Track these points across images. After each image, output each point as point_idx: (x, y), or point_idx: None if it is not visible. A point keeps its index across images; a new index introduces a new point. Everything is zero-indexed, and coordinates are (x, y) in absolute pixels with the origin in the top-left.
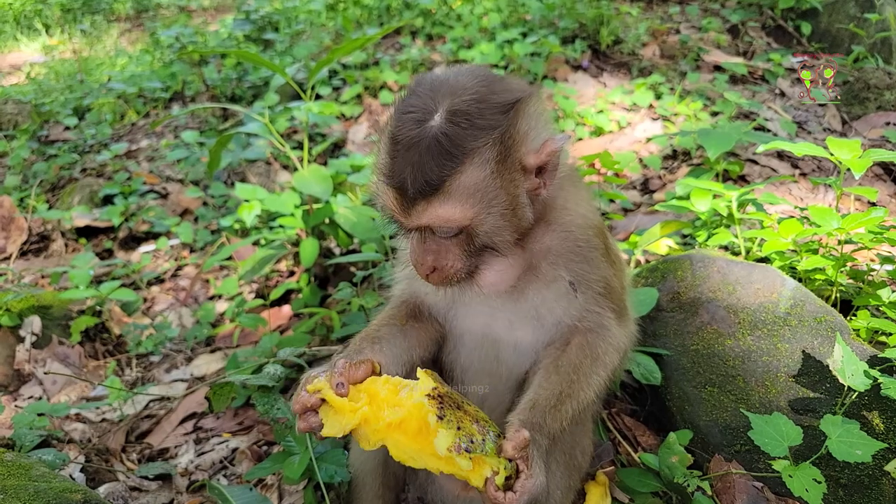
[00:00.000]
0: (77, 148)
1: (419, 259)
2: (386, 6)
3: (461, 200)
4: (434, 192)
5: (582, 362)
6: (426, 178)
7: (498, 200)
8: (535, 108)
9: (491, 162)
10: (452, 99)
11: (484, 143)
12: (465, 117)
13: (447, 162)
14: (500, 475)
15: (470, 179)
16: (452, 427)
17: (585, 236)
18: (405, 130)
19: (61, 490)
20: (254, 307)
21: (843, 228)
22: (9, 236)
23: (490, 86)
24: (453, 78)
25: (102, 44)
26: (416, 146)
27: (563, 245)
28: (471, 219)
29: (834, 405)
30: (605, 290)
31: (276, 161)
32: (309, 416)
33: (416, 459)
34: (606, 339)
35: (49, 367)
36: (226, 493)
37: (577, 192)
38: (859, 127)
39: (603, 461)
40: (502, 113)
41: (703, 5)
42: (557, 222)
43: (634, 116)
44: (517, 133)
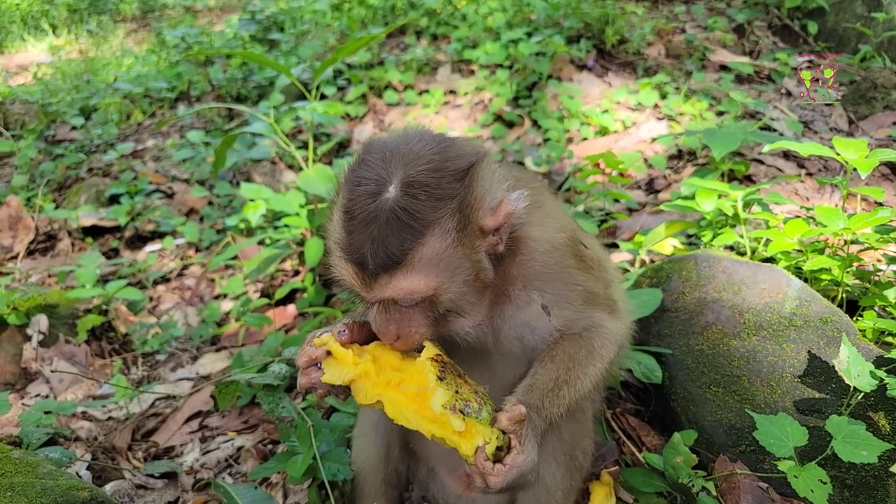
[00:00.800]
0: (83, 148)
1: (382, 329)
2: (391, 6)
3: (424, 272)
4: (396, 266)
5: (577, 352)
6: (387, 252)
7: (461, 268)
8: (489, 170)
9: (451, 231)
10: (406, 169)
11: (443, 213)
12: (423, 188)
13: (407, 235)
14: (490, 444)
15: (432, 250)
16: (451, 389)
17: (553, 259)
18: (360, 204)
19: (68, 488)
20: (259, 306)
21: (850, 228)
22: (16, 235)
23: (443, 153)
24: (404, 145)
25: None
26: (374, 220)
27: (531, 272)
28: (434, 288)
29: (839, 406)
30: (586, 298)
31: (282, 161)
32: (311, 370)
33: (410, 420)
34: (601, 333)
35: (56, 365)
36: (231, 492)
37: (540, 216)
38: (866, 126)
39: (607, 461)
40: (458, 181)
41: (708, 4)
42: (521, 251)
43: (639, 116)
44: (474, 199)
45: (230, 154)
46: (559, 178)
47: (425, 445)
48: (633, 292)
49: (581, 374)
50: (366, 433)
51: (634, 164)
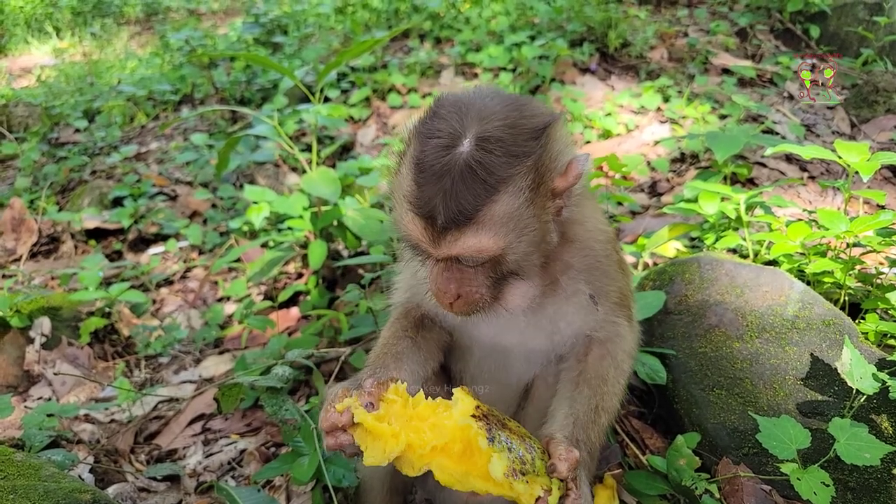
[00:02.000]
0: (87, 150)
1: (442, 288)
2: (394, 9)
3: (494, 230)
4: (467, 222)
5: (608, 373)
6: (459, 208)
7: (530, 228)
8: (562, 131)
9: (525, 190)
10: (482, 124)
11: (518, 171)
12: (498, 144)
13: (481, 190)
14: (553, 496)
15: (504, 208)
16: (504, 449)
17: (604, 250)
18: (432, 156)
19: (70, 490)
20: (262, 309)
21: (852, 231)
22: (19, 238)
23: (519, 110)
24: (479, 101)
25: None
26: (447, 173)
27: (583, 260)
28: (503, 248)
29: (842, 408)
30: (620, 299)
31: (285, 163)
32: (338, 433)
33: (463, 482)
34: (623, 346)
35: (58, 368)
36: (234, 495)
37: (591, 206)
38: (868, 130)
39: (611, 464)
40: (534, 139)
41: (711, 8)
42: (576, 238)
43: (642, 119)
44: (549, 159)
45: (234, 157)
46: None
47: None
48: (636, 295)
49: (613, 395)
50: None
51: (637, 167)
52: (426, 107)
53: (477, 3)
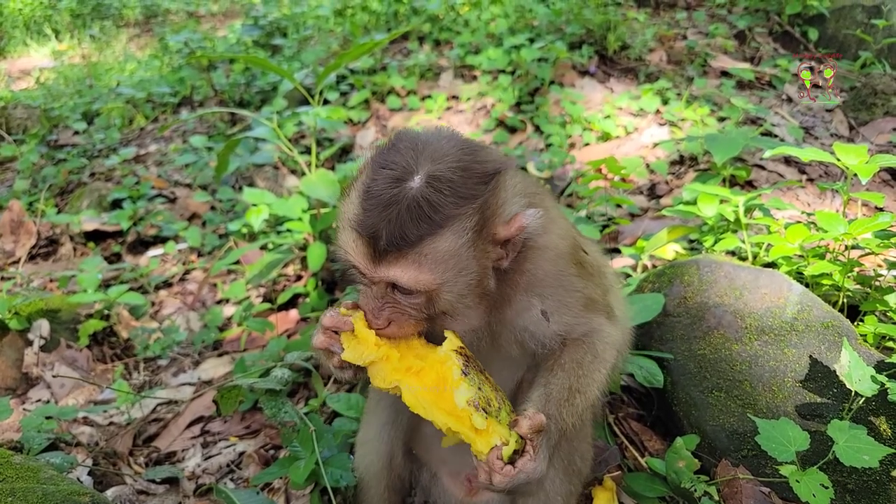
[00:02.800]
0: (86, 152)
1: (374, 311)
2: (394, 12)
3: (433, 266)
4: (408, 250)
5: (584, 357)
6: (402, 235)
7: (468, 270)
8: (512, 180)
9: (468, 231)
10: (434, 163)
11: (464, 212)
12: (448, 184)
13: (425, 226)
14: (508, 447)
15: (446, 246)
16: (474, 385)
17: (556, 267)
18: (382, 186)
19: (69, 493)
20: (261, 311)
21: (850, 234)
22: (18, 240)
23: (473, 154)
24: (436, 141)
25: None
26: (394, 204)
27: (533, 278)
28: (438, 285)
29: (841, 410)
30: (585, 304)
31: (284, 166)
32: (332, 334)
33: (427, 410)
34: (602, 338)
35: (57, 370)
36: (233, 497)
37: (544, 222)
38: (866, 132)
39: (610, 466)
40: (483, 183)
41: (710, 11)
42: (525, 258)
43: (641, 122)
44: (495, 204)
45: (233, 159)
46: (561, 183)
47: (428, 450)
48: (635, 297)
49: (590, 380)
50: (369, 440)
51: (636, 170)
52: (385, 139)
53: (476, 5)
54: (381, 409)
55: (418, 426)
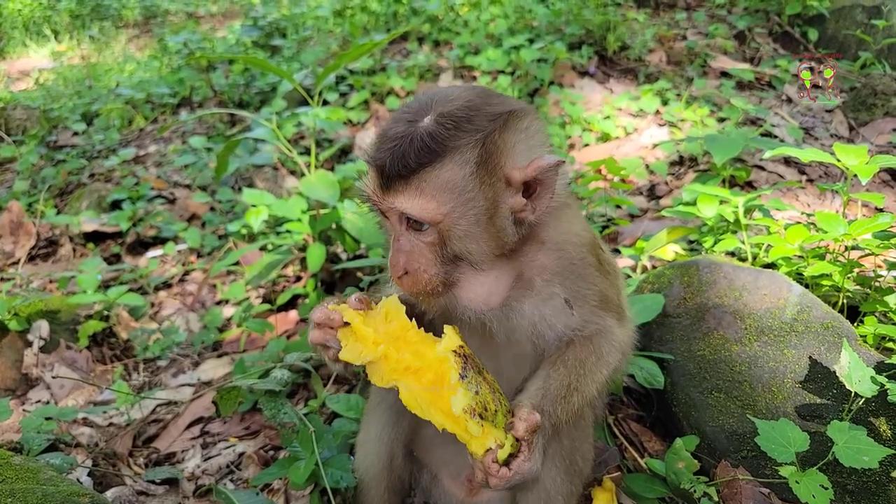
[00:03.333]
0: (85, 153)
1: (392, 259)
2: (393, 12)
3: (435, 192)
4: (410, 176)
5: (587, 358)
6: (404, 163)
7: (474, 204)
8: (529, 124)
9: (470, 163)
10: (446, 105)
11: (466, 143)
12: (453, 119)
13: (426, 154)
14: (504, 450)
15: (447, 175)
16: (472, 390)
17: (580, 254)
18: (395, 127)
19: (69, 494)
20: (261, 312)
21: (850, 234)
22: (17, 241)
23: (486, 98)
24: (454, 90)
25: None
26: (401, 139)
27: (558, 263)
28: (444, 215)
29: (841, 411)
30: (601, 301)
31: (284, 166)
32: (326, 329)
33: (424, 410)
34: (609, 340)
35: (57, 371)
36: (232, 498)
37: (569, 211)
38: (866, 133)
39: (609, 467)
40: (490, 120)
41: (709, 11)
42: (551, 240)
43: (641, 122)
44: (502, 142)
45: (232, 160)
46: None
47: (429, 452)
48: (635, 298)
49: (590, 380)
50: (369, 440)
51: (636, 170)
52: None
53: (475, 6)
54: (382, 410)
55: (419, 428)
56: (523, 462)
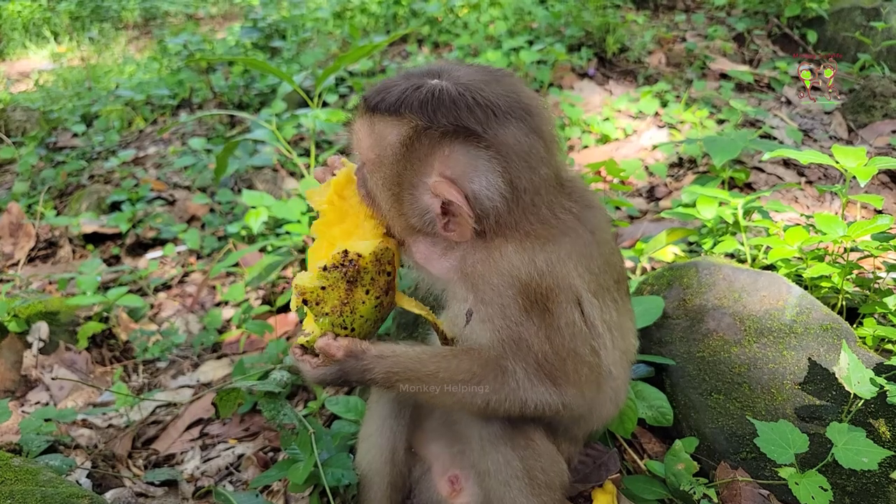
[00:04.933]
0: (85, 155)
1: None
2: (392, 14)
3: (371, 136)
4: (370, 113)
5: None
6: (377, 100)
7: (385, 171)
8: (484, 154)
9: (401, 136)
10: (451, 83)
11: (409, 119)
12: (431, 97)
13: (389, 105)
14: (302, 338)
15: (383, 129)
16: (319, 283)
17: (502, 282)
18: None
19: (68, 495)
20: (260, 313)
21: (849, 236)
22: (17, 242)
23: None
24: (490, 78)
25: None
26: (393, 85)
27: (480, 277)
28: (367, 160)
29: (840, 413)
30: (516, 341)
31: (283, 168)
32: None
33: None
34: (507, 382)
35: (56, 372)
36: (232, 500)
37: (532, 242)
38: (865, 135)
39: (610, 469)
40: (448, 121)
41: (709, 13)
42: (490, 248)
43: (640, 124)
44: (436, 146)
45: (232, 161)
46: None
47: (425, 445)
48: (634, 300)
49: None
50: (370, 434)
51: (635, 172)
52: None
53: (475, 7)
54: (383, 403)
55: (420, 422)
56: (308, 360)
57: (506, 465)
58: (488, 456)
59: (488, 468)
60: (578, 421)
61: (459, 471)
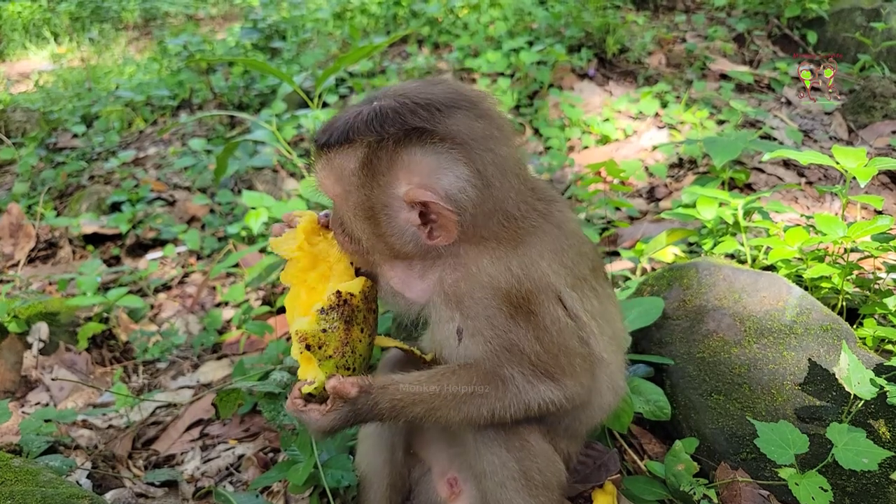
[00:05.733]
0: (85, 155)
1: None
2: (392, 15)
3: (332, 174)
4: (324, 151)
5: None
6: (325, 136)
7: (352, 198)
8: (446, 151)
9: (357, 160)
10: (391, 100)
11: (360, 140)
12: (375, 114)
13: (339, 136)
14: (308, 387)
15: (340, 161)
16: (321, 326)
17: (483, 294)
18: (346, 111)
19: (68, 496)
20: (260, 314)
21: (849, 237)
22: (17, 243)
23: (430, 107)
24: (431, 88)
25: (110, 52)
26: (339, 118)
27: (461, 292)
28: (336, 195)
29: (840, 413)
30: (509, 347)
31: (283, 169)
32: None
33: (290, 319)
34: (507, 387)
35: (56, 373)
36: (232, 500)
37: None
38: (865, 135)
39: (610, 470)
40: (398, 128)
41: (709, 14)
42: (466, 264)
43: (640, 125)
44: (400, 154)
45: (232, 162)
46: (560, 186)
47: (425, 446)
48: (634, 301)
49: (454, 409)
50: (369, 435)
51: (635, 173)
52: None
53: (475, 8)
54: None
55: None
56: (315, 412)
57: (501, 467)
58: (484, 458)
59: (484, 469)
60: (579, 414)
61: (458, 473)
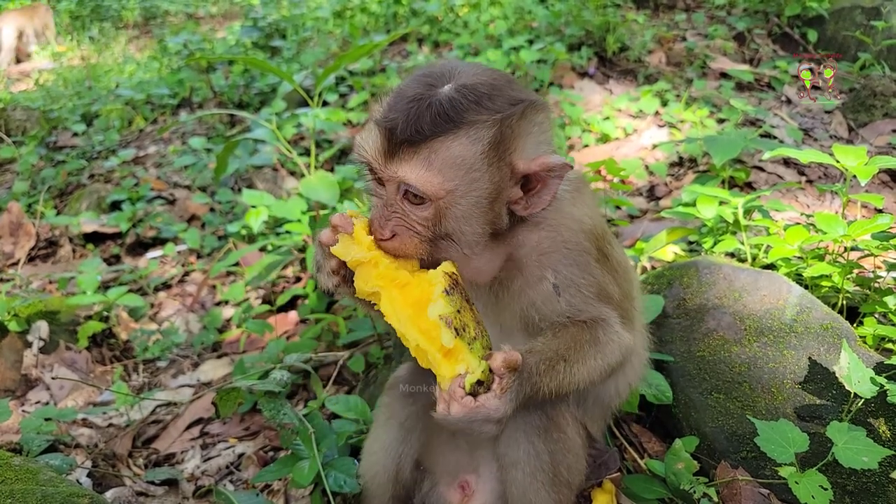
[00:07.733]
0: (85, 154)
1: (381, 219)
2: (393, 13)
3: (443, 167)
4: (421, 144)
5: (581, 337)
6: (417, 128)
7: (478, 185)
8: (543, 120)
9: (484, 142)
10: (469, 77)
11: (484, 120)
12: (475, 92)
13: (443, 123)
14: (473, 374)
15: (459, 149)
16: (454, 307)
17: (575, 239)
18: (413, 88)
19: (68, 494)
20: (260, 313)
21: (850, 235)
22: (17, 242)
23: (508, 82)
24: (478, 66)
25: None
26: (418, 101)
27: (550, 245)
28: (447, 192)
29: (840, 412)
30: (598, 294)
31: (283, 167)
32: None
33: (401, 323)
34: (607, 330)
35: (56, 372)
36: (232, 499)
37: (577, 195)
38: (866, 134)
39: (610, 468)
40: (511, 104)
41: (709, 13)
42: (546, 221)
43: (640, 123)
44: (518, 129)
45: (232, 160)
46: None
47: (434, 460)
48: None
49: (581, 359)
50: (376, 451)
51: (636, 171)
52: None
53: (475, 7)
54: (392, 426)
55: (429, 438)
56: (492, 397)
57: (536, 457)
58: (521, 447)
59: (518, 458)
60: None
61: (471, 475)
